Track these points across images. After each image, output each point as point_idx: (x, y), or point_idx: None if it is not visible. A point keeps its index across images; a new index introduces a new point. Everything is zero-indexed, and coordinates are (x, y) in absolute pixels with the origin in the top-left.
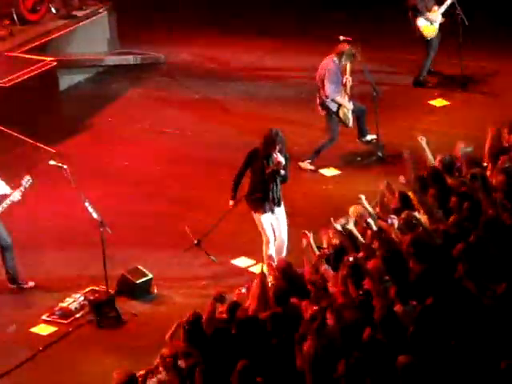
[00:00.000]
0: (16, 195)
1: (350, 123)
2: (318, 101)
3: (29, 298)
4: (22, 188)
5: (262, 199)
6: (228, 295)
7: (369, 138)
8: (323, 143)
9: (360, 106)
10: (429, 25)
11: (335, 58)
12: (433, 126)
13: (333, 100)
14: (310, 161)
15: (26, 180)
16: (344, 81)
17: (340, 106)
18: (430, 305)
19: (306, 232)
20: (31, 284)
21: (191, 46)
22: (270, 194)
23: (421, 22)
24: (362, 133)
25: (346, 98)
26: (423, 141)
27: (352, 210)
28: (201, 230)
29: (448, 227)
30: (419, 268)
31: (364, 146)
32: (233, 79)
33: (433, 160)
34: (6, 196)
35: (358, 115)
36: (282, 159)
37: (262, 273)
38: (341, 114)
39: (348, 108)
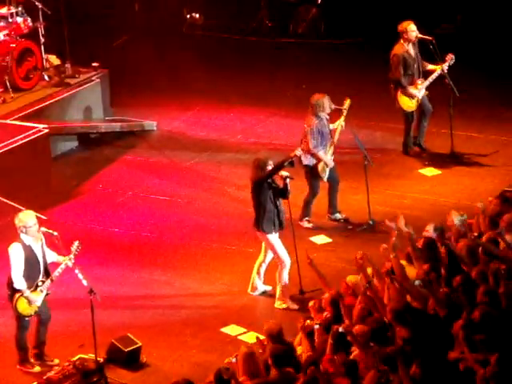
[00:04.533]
0: (69, 261)
1: (326, 178)
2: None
3: (16, 367)
4: (72, 255)
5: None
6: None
7: (338, 216)
8: (306, 199)
9: (336, 174)
10: (409, 99)
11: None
12: (424, 194)
13: (313, 154)
14: (307, 218)
15: (76, 246)
16: (331, 141)
17: (320, 161)
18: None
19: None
20: (56, 361)
21: (184, 113)
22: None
23: (401, 96)
24: (332, 208)
25: (329, 156)
26: (401, 221)
27: (348, 279)
28: (193, 300)
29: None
30: (405, 333)
31: (355, 215)
32: (225, 147)
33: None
34: (56, 263)
35: (331, 184)
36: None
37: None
38: (319, 167)
39: (328, 164)
